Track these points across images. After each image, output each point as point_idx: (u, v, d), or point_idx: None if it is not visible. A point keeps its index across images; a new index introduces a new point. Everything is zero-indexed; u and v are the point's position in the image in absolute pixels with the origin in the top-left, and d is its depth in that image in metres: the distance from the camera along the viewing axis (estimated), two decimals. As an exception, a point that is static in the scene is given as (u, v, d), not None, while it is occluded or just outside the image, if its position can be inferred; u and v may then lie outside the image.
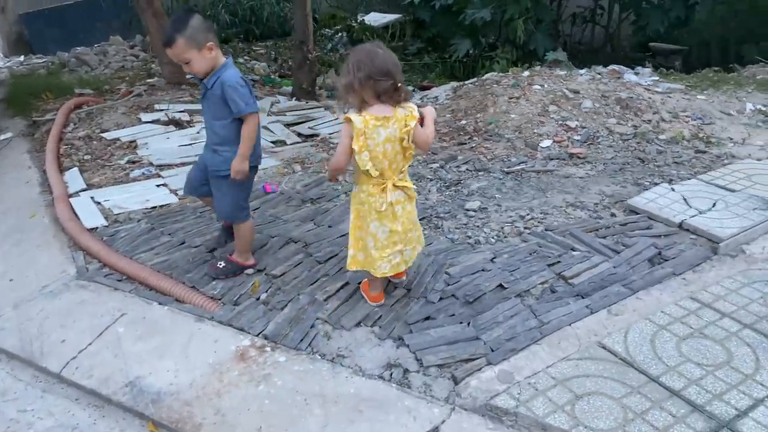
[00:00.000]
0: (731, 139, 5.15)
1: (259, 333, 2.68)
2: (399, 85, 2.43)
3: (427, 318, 2.66)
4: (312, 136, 5.60)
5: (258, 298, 2.92)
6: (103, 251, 3.35)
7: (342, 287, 2.92)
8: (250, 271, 3.13)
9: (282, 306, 2.83)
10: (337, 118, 6.14)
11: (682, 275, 2.87)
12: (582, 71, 6.85)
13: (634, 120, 5.47)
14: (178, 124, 5.74)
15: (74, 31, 11.46)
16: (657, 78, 6.79)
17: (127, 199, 4.15)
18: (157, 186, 4.41)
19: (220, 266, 3.12)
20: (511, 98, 5.72)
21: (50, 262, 3.43)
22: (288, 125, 6.00)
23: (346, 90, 2.43)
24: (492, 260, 3.03)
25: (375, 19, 10.38)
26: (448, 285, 2.84)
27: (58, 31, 11.61)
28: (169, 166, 4.82)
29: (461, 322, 2.60)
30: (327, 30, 10.13)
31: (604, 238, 3.21)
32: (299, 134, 5.67)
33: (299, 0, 6.65)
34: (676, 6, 8.50)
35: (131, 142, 5.41)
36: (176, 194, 4.23)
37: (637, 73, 6.86)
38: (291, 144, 5.38)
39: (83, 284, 3.17)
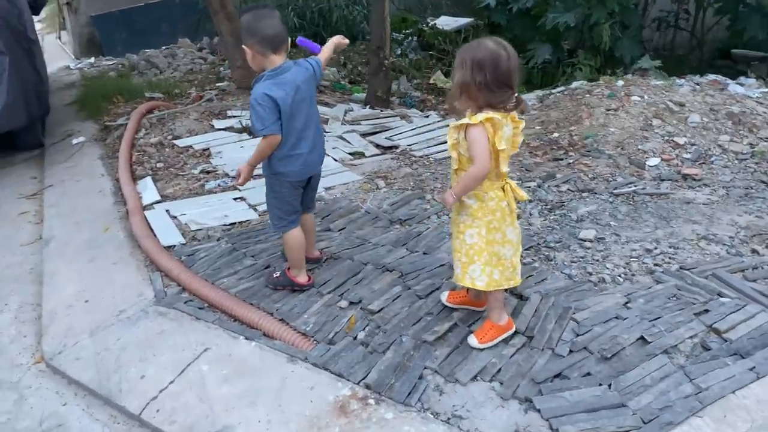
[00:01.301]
0: None
1: (360, 381, 2.35)
2: (517, 95, 2.17)
3: (558, 375, 2.27)
4: (391, 147, 5.27)
5: (355, 338, 2.59)
6: (184, 275, 3.09)
7: (450, 329, 2.56)
8: (343, 303, 2.81)
9: (384, 349, 2.49)
10: (414, 128, 5.79)
11: None
12: (680, 81, 6.31)
13: (749, 137, 4.93)
14: (252, 133, 5.50)
15: (142, 32, 11.52)
16: (767, 90, 6.19)
17: (204, 213, 3.91)
18: (235, 200, 4.16)
19: (275, 276, 2.99)
20: (608, 110, 5.26)
21: (127, 283, 3.20)
22: (364, 135, 5.69)
23: (460, 91, 2.18)
24: (626, 305, 2.61)
25: (446, 22, 10.00)
26: (578, 335, 2.45)
27: (127, 33, 11.69)
28: (245, 177, 4.56)
29: (600, 384, 2.20)
30: (395, 34, 9.79)
31: (755, 281, 2.76)
32: (377, 145, 5.35)
33: (377, 3, 6.34)
34: (778, 10, 7.82)
35: (204, 150, 5.20)
36: (256, 209, 3.96)
37: (742, 84, 6.27)
38: (370, 156, 5.06)
39: (162, 311, 2.91)
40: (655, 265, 2.96)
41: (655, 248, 3.10)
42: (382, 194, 4.08)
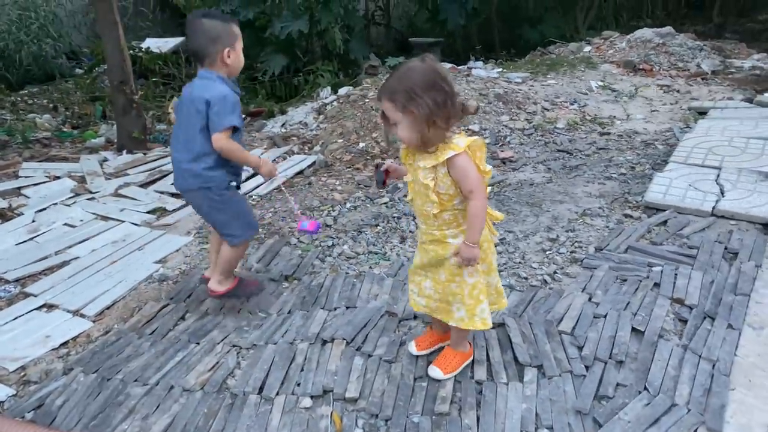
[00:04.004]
0: (615, 117, 5.40)
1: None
2: (462, 102, 1.93)
3: (596, 397, 2.12)
4: (194, 194, 4.51)
5: (355, 440, 2.09)
6: (59, 443, 2.14)
7: (455, 388, 2.22)
8: (306, 402, 2.23)
9: (404, 443, 2.04)
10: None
11: None
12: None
13: (521, 113, 5.44)
14: (0, 216, 4.21)
15: None
16: (501, 69, 6.93)
17: (12, 342, 2.81)
18: (40, 310, 3.09)
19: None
20: (398, 111, 5.28)
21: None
22: (144, 186, 4.80)
23: (427, 126, 1.83)
24: (590, 301, 2.59)
25: (156, 44, 9.06)
26: (579, 347, 2.33)
27: None
28: (31, 276, 3.45)
29: (639, 391, 2.12)
30: (103, 65, 8.56)
31: (661, 244, 2.98)
32: (172, 195, 4.54)
33: (109, 32, 5.34)
34: (470, -3, 8.84)
35: (-62, 253, 3.79)
36: (83, 315, 3.00)
37: (481, 68, 6.91)
38: (174, 209, 4.26)
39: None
40: (572, 252, 3.01)
41: (557, 237, 3.16)
42: (237, 252, 3.44)
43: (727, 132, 4.22)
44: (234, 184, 2.64)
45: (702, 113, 5.16)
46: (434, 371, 2.25)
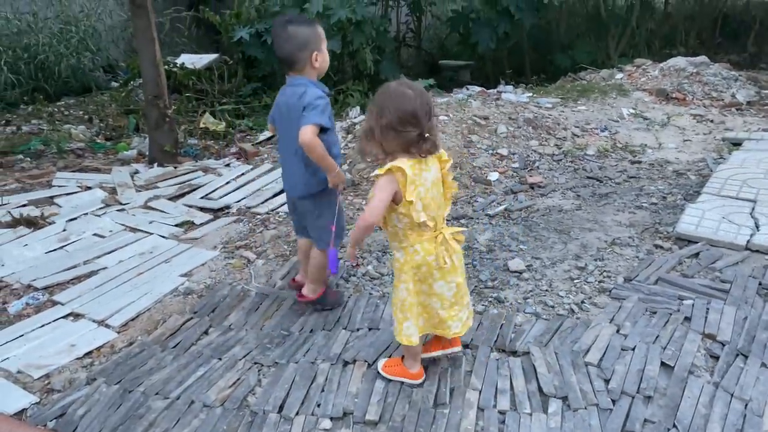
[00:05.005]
0: (646, 145, 5.33)
1: None
2: (426, 135, 2.01)
3: (622, 432, 2.07)
4: (222, 209, 4.56)
5: (373, 465, 2.05)
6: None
7: (477, 416, 2.18)
8: (326, 423, 2.21)
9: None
10: (229, 182, 5.13)
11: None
12: (460, 95, 6.70)
13: (550, 139, 5.40)
14: (32, 223, 4.29)
15: None
16: (531, 94, 6.91)
17: (38, 349, 2.84)
18: (66, 318, 3.13)
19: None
20: (428, 132, 5.28)
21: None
22: (173, 199, 4.85)
23: (366, 137, 2.08)
24: (618, 332, 2.53)
25: (191, 60, 9.21)
26: (606, 380, 2.28)
27: None
28: (59, 285, 3.49)
29: (668, 429, 2.06)
30: (138, 79, 8.74)
31: (693, 277, 2.91)
32: (201, 209, 4.59)
33: (146, 47, 5.46)
34: (502, 22, 8.83)
35: (-30, 259, 3.87)
36: (108, 326, 3.02)
37: (512, 93, 6.90)
38: (203, 224, 4.30)
39: None
40: (600, 282, 2.96)
41: (586, 265, 3.11)
42: (262, 268, 3.45)
43: (762, 164, 4.14)
44: None
45: (736, 144, 5.07)
46: (380, 363, 2.42)
